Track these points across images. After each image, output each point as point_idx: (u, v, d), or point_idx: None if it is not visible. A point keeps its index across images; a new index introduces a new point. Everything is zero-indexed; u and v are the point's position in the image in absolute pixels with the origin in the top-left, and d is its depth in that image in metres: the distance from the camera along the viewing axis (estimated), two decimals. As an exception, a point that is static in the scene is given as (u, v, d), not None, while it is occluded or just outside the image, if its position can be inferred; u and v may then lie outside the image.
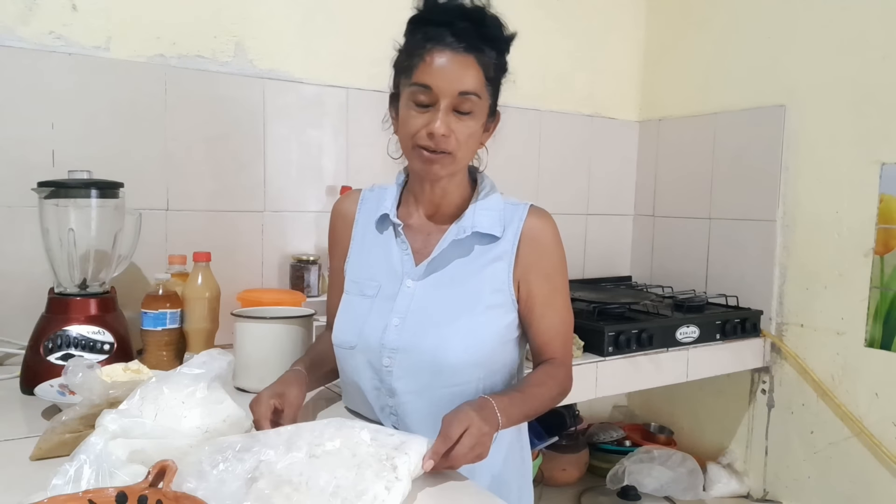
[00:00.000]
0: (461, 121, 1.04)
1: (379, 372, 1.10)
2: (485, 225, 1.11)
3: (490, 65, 1.05)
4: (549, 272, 1.13)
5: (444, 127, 1.02)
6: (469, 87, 1.03)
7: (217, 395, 0.93)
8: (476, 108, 1.05)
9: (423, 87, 1.03)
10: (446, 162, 1.05)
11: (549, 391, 1.11)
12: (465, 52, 1.02)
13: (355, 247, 1.19)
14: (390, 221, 1.14)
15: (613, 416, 2.59)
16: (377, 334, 1.09)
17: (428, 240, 1.13)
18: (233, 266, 1.71)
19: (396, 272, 1.13)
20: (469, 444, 0.92)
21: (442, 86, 1.02)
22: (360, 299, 1.14)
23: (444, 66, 1.02)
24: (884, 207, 1.87)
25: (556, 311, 1.14)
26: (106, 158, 1.54)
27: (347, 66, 1.88)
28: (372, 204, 1.19)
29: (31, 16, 1.49)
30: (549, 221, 1.14)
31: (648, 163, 2.53)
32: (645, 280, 2.50)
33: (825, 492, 2.00)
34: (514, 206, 1.14)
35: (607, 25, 2.44)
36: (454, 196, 1.14)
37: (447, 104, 1.03)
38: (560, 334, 1.15)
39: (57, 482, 0.76)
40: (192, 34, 1.67)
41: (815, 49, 2.01)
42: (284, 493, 0.79)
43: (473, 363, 1.07)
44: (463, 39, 1.02)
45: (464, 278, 1.10)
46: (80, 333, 1.29)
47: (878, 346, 1.88)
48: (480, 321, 1.09)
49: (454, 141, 1.04)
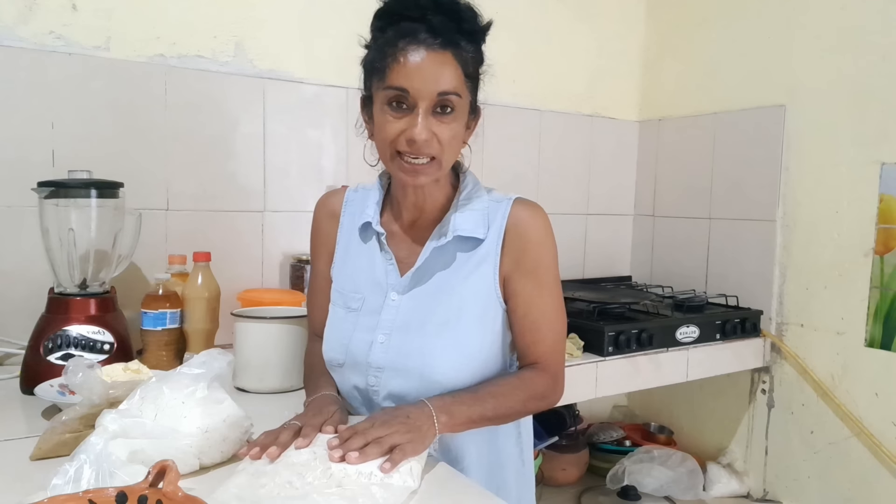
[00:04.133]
0: (443, 122, 0.97)
1: (366, 391, 1.08)
2: (467, 228, 1.04)
3: (468, 60, 0.98)
4: (534, 268, 1.05)
5: (425, 131, 0.95)
6: (449, 87, 0.95)
7: (217, 395, 0.93)
8: (458, 108, 0.98)
9: (399, 90, 0.95)
10: (431, 170, 0.99)
11: (515, 394, 1.03)
12: (441, 48, 0.94)
13: (340, 252, 1.15)
14: (373, 230, 1.09)
15: (613, 416, 2.59)
16: (363, 352, 1.06)
17: (412, 248, 1.08)
18: (233, 266, 1.71)
19: (381, 284, 1.08)
20: (370, 424, 0.90)
21: (420, 88, 0.94)
22: (345, 312, 1.10)
23: (420, 66, 0.94)
24: (884, 207, 1.86)
25: (541, 311, 1.06)
26: (106, 158, 1.54)
27: (347, 66, 1.87)
28: (356, 206, 1.14)
29: (31, 16, 1.49)
30: (536, 213, 1.06)
31: (648, 163, 2.53)
32: (645, 280, 2.50)
33: (825, 492, 2.00)
34: (497, 202, 1.07)
35: (607, 25, 2.44)
36: (437, 198, 1.08)
37: (426, 107, 0.95)
38: (545, 337, 1.07)
39: (57, 482, 0.76)
40: (192, 34, 1.67)
41: (815, 49, 2.01)
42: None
43: (462, 380, 1.03)
44: (439, 35, 0.94)
45: (448, 289, 1.05)
46: (80, 333, 1.29)
47: (878, 346, 1.87)
48: (467, 334, 1.04)
49: (437, 145, 0.97)
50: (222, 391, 0.94)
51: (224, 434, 0.92)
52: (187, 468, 0.87)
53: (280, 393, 1.31)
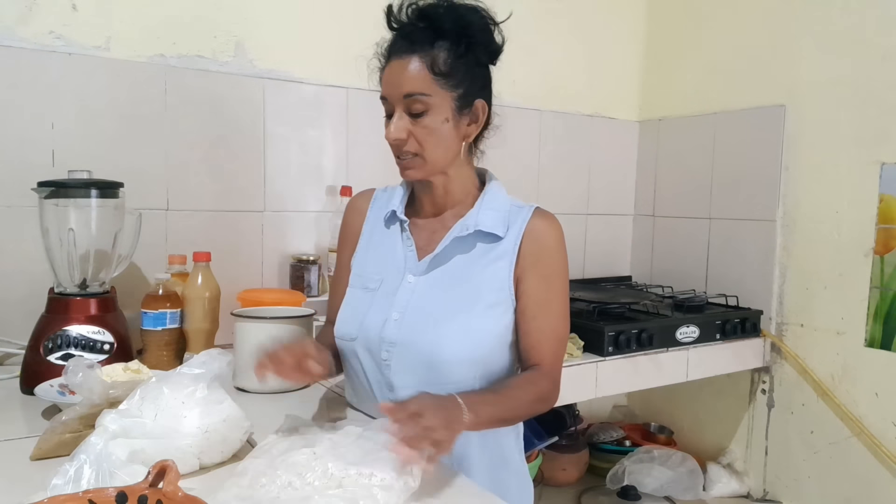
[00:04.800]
0: (416, 122, 1.05)
1: (379, 365, 1.11)
2: (488, 224, 1.11)
3: (439, 59, 1.03)
4: (547, 273, 1.11)
5: (396, 132, 1.05)
6: (411, 88, 1.04)
7: (217, 395, 0.93)
8: (430, 106, 1.04)
9: (383, 99, 1.08)
10: (416, 164, 1.08)
11: (526, 395, 1.06)
12: (408, 53, 1.04)
13: (363, 242, 1.21)
14: (397, 218, 1.16)
15: (613, 416, 2.59)
16: (377, 327, 1.10)
17: (432, 237, 1.14)
18: (233, 266, 1.71)
19: (399, 267, 1.14)
20: (419, 409, 0.88)
21: (391, 93, 1.06)
22: (363, 293, 1.15)
23: (390, 73, 1.06)
24: (884, 207, 1.86)
25: (548, 316, 1.11)
26: (106, 158, 1.54)
27: (347, 66, 1.87)
28: (383, 203, 1.21)
29: (31, 16, 1.49)
30: (554, 224, 1.13)
31: (648, 163, 2.53)
32: (645, 280, 2.50)
33: (825, 492, 2.00)
34: (519, 207, 1.14)
35: (607, 25, 2.44)
36: (457, 195, 1.15)
37: (400, 110, 1.05)
38: (549, 340, 1.11)
39: (57, 482, 0.76)
40: (192, 34, 1.67)
41: (815, 49, 2.01)
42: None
43: (469, 361, 1.07)
44: (410, 41, 1.04)
45: (465, 276, 1.10)
46: (80, 333, 1.29)
47: (878, 346, 1.87)
48: (479, 320, 1.08)
49: (414, 143, 1.06)
50: (222, 391, 0.94)
51: (224, 434, 0.92)
52: (187, 468, 0.88)
53: (280, 393, 1.31)
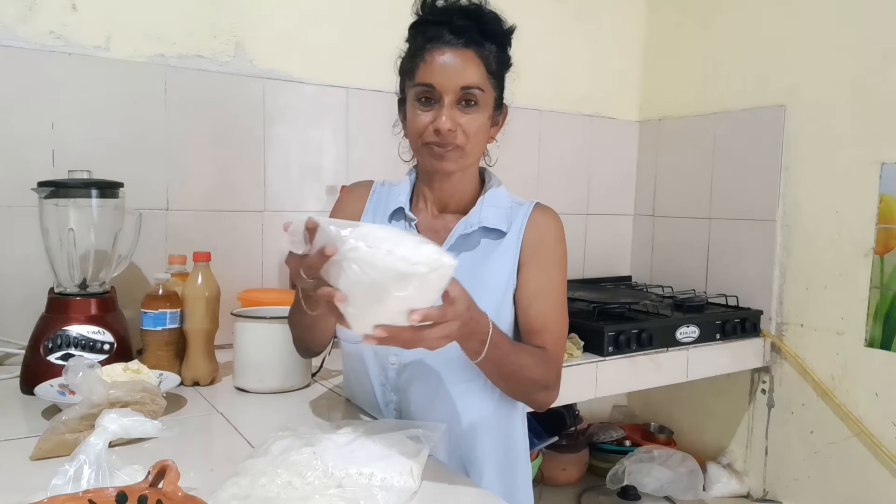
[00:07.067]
0: (467, 114, 1.06)
1: (385, 368, 1.11)
2: (492, 220, 1.12)
3: (491, 58, 1.07)
4: (545, 264, 1.12)
5: (450, 122, 1.04)
6: (471, 81, 1.04)
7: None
8: (481, 101, 1.06)
9: (426, 86, 1.05)
10: (455, 156, 1.07)
11: (533, 362, 1.05)
12: (464, 46, 1.04)
13: None
14: (403, 215, 1.15)
15: (613, 416, 2.59)
16: None
17: (437, 236, 1.14)
18: (233, 266, 1.71)
19: None
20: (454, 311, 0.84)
21: (443, 82, 1.04)
22: None
23: (444, 63, 1.04)
24: (884, 207, 1.86)
25: (547, 304, 1.11)
26: (106, 158, 1.54)
27: (347, 66, 1.88)
28: (381, 197, 1.20)
29: (31, 16, 1.49)
30: (553, 217, 1.15)
31: (648, 163, 2.53)
32: (645, 280, 2.50)
33: (825, 492, 2.00)
34: (520, 204, 1.16)
35: (607, 25, 2.44)
36: (464, 192, 1.16)
37: (451, 100, 1.04)
38: (548, 327, 1.11)
39: (57, 482, 0.76)
40: (192, 34, 1.67)
41: (815, 49, 2.01)
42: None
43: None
44: (461, 35, 1.04)
45: (470, 273, 1.09)
46: (80, 333, 1.29)
47: (878, 346, 1.87)
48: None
49: (461, 135, 1.06)
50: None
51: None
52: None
53: (280, 393, 1.31)
